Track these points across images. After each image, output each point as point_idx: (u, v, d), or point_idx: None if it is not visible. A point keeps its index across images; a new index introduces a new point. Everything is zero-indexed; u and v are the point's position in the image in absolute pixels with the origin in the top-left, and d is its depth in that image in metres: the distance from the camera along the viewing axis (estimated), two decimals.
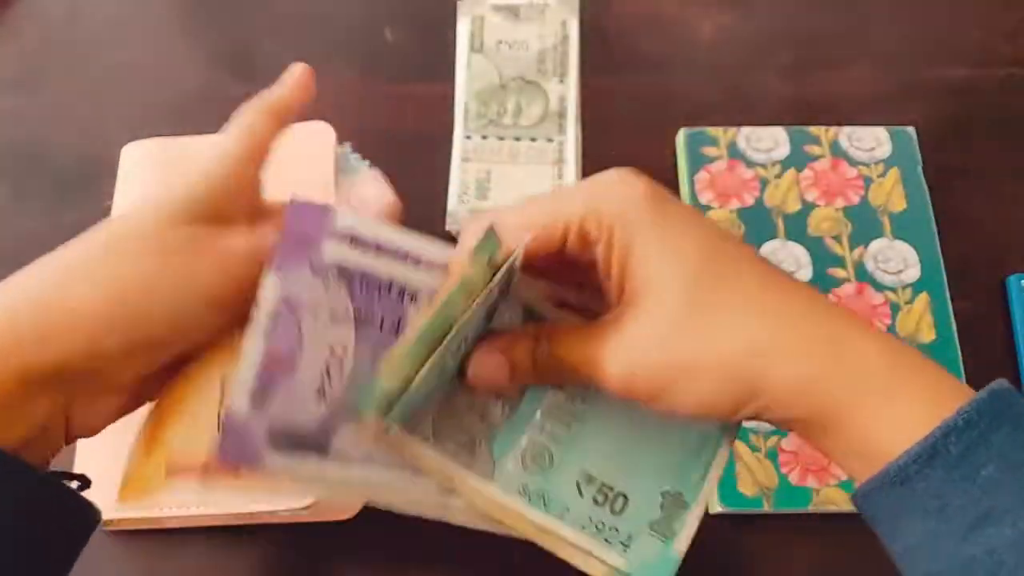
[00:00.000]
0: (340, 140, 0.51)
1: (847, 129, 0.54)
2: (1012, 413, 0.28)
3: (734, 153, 0.54)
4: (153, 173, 0.51)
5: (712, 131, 0.54)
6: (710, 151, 0.54)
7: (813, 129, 0.54)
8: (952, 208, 0.54)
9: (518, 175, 0.53)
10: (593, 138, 0.56)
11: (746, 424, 0.46)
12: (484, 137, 0.54)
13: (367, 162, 0.53)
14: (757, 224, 0.52)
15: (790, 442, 0.46)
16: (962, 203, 0.54)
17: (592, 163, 0.55)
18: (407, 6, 0.60)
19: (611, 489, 0.32)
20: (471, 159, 0.54)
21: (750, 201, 0.52)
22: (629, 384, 0.29)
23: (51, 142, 0.56)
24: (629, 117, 0.57)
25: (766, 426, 0.46)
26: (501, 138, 0.54)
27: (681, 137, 0.55)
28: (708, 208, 0.52)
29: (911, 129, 0.54)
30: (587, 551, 0.32)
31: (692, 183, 0.53)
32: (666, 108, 0.57)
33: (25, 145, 0.56)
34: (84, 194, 0.54)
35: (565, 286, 0.33)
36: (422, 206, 0.53)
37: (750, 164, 0.53)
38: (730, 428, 0.33)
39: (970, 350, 0.49)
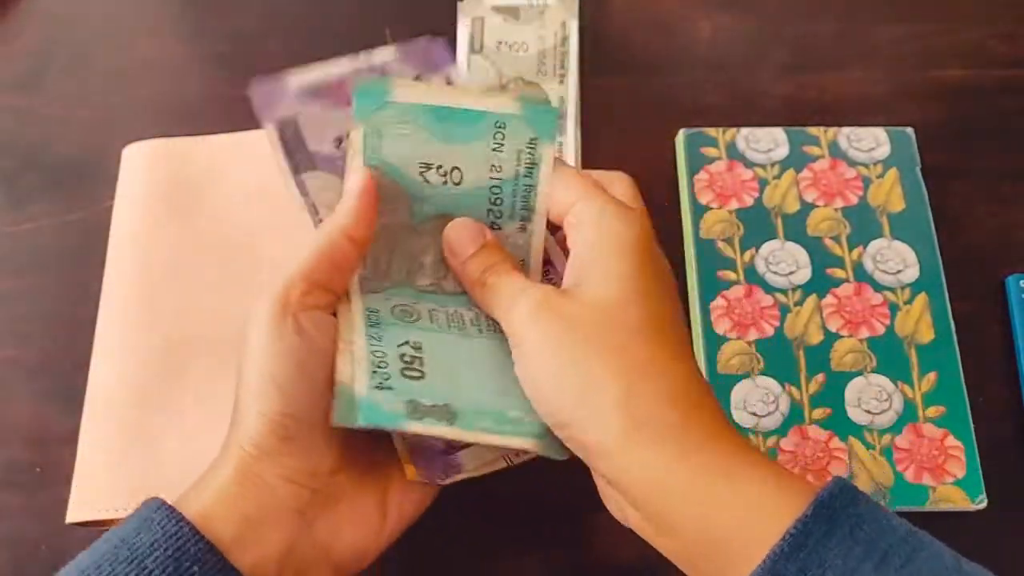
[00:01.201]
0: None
1: (846, 130, 0.54)
2: (841, 520, 0.28)
3: (733, 154, 0.54)
4: (154, 174, 0.51)
5: (711, 132, 0.54)
6: (709, 151, 0.54)
7: (812, 130, 0.54)
8: (951, 208, 0.54)
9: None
10: (593, 138, 0.56)
11: (744, 424, 0.47)
12: None
13: None
14: (756, 224, 0.52)
15: (789, 442, 0.46)
16: (961, 203, 0.54)
17: (592, 163, 0.55)
18: (407, 7, 0.60)
19: (423, 367, 0.35)
20: None
21: (749, 201, 0.52)
22: (520, 340, 0.33)
23: (52, 142, 0.56)
24: (629, 117, 0.57)
25: (764, 425, 0.47)
26: None
27: (680, 138, 0.55)
28: (707, 208, 0.52)
29: (910, 130, 0.54)
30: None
31: (691, 183, 0.53)
32: (666, 109, 0.57)
33: (25, 145, 0.56)
34: (85, 194, 0.54)
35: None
36: None
37: (749, 164, 0.53)
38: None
39: (969, 350, 0.49)
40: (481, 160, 0.36)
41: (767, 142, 0.54)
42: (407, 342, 0.35)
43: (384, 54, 0.36)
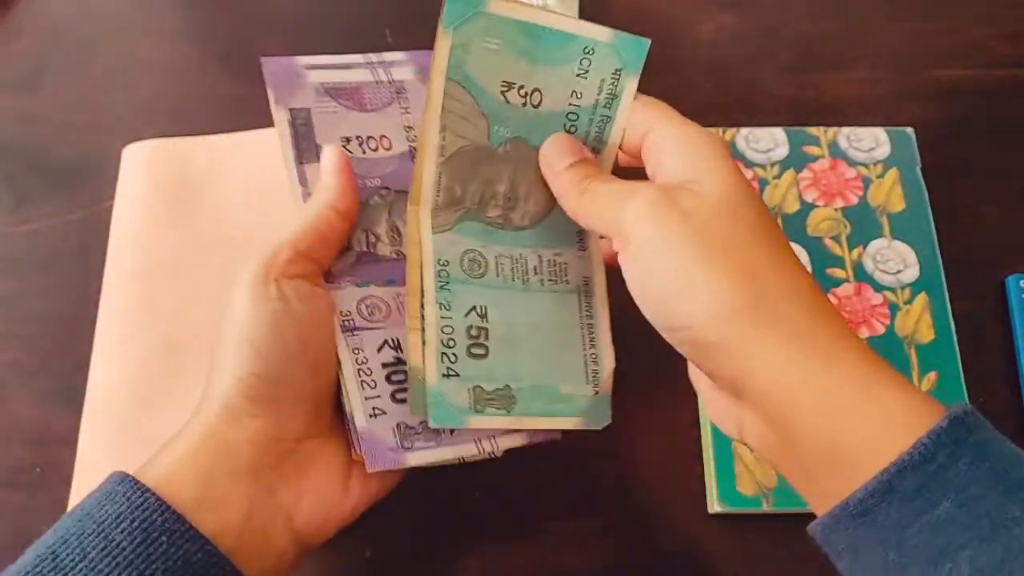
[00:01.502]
0: None
1: (846, 130, 0.54)
2: (971, 442, 0.27)
3: (733, 154, 0.54)
4: (154, 174, 0.51)
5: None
6: None
7: (812, 130, 0.54)
8: (951, 208, 0.54)
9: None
10: None
11: None
12: None
13: None
14: None
15: None
16: (961, 203, 0.54)
17: None
18: (407, 7, 0.60)
19: (487, 340, 0.35)
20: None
21: None
22: (629, 240, 0.32)
23: (52, 142, 0.56)
24: None
25: None
26: None
27: None
28: None
29: (910, 130, 0.54)
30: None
31: None
32: None
33: (26, 145, 0.56)
34: (85, 195, 0.54)
35: None
36: None
37: (749, 164, 0.53)
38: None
39: (969, 350, 0.49)
40: (563, 84, 0.35)
41: (767, 142, 0.54)
42: (474, 308, 0.35)
43: (396, 60, 0.38)
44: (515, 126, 0.35)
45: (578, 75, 0.35)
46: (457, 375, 0.34)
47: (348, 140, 0.37)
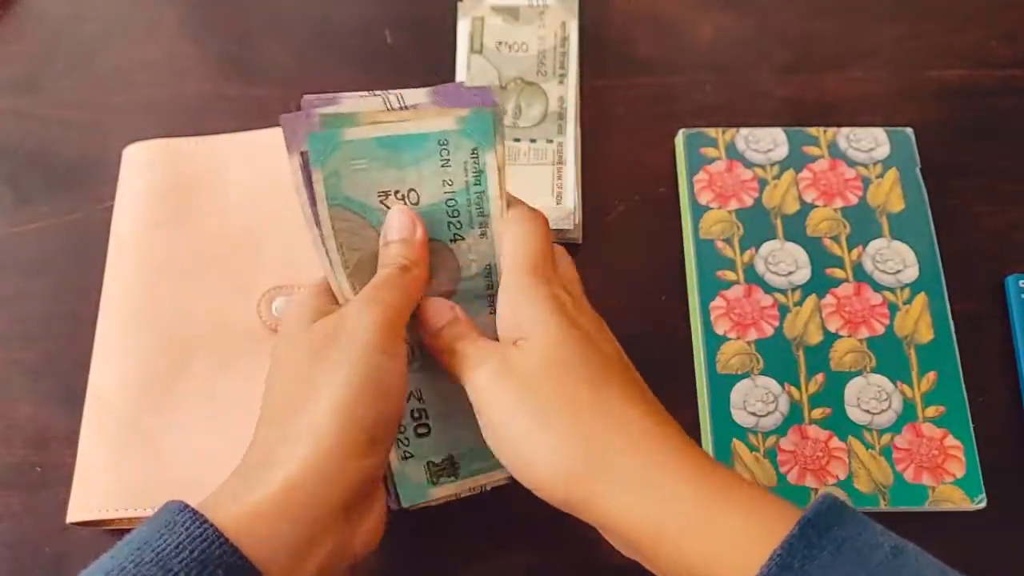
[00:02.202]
0: None
1: (845, 130, 0.54)
2: (827, 540, 0.29)
3: (733, 154, 0.54)
4: (154, 174, 0.51)
5: (711, 132, 0.54)
6: (709, 152, 0.54)
7: (812, 130, 0.54)
8: (951, 208, 0.54)
9: (518, 176, 0.53)
10: (593, 139, 0.56)
11: (744, 424, 0.47)
12: None
13: None
14: (756, 225, 0.52)
15: (788, 441, 0.46)
16: (961, 203, 0.54)
17: (592, 164, 0.55)
18: (407, 8, 0.60)
19: (428, 419, 0.40)
20: None
21: (749, 202, 0.52)
22: (483, 407, 0.35)
23: (52, 143, 0.56)
24: (629, 118, 0.57)
25: (764, 425, 0.47)
26: None
27: (680, 138, 0.55)
28: (707, 209, 0.52)
29: (909, 130, 0.54)
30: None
31: (691, 184, 0.53)
32: (666, 109, 0.57)
33: (26, 146, 0.56)
34: (85, 195, 0.54)
35: None
36: None
37: (749, 165, 0.53)
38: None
39: (969, 350, 0.49)
40: (433, 177, 0.37)
41: (767, 142, 0.54)
42: (411, 394, 0.40)
43: (417, 96, 0.38)
44: None
45: (442, 166, 0.37)
46: (412, 455, 0.40)
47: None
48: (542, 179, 0.53)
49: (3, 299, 0.52)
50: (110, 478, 0.44)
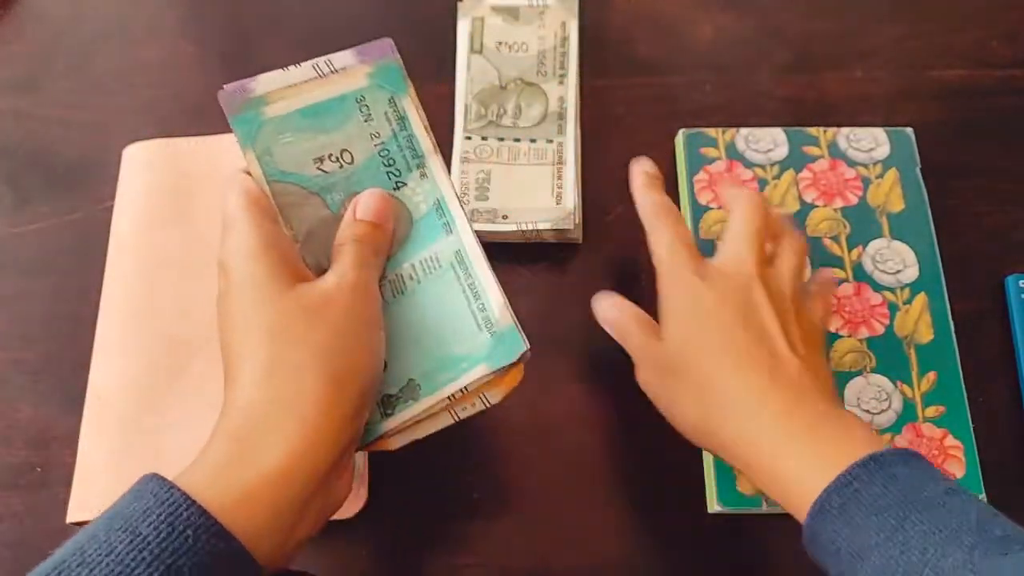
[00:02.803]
0: None
1: (845, 130, 0.54)
2: (883, 474, 0.34)
3: (733, 154, 0.54)
4: (154, 174, 0.51)
5: (711, 132, 0.54)
6: (709, 152, 0.54)
7: (812, 130, 0.54)
8: (951, 208, 0.54)
9: (518, 176, 0.53)
10: (593, 139, 0.56)
11: None
12: (484, 138, 0.55)
13: None
14: None
15: None
16: (961, 203, 0.54)
17: (592, 164, 0.55)
18: (407, 8, 0.60)
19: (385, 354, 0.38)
20: (471, 160, 0.54)
21: None
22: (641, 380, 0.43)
23: (52, 143, 0.56)
24: (629, 118, 0.57)
25: None
26: (501, 139, 0.55)
27: (680, 138, 0.55)
28: (707, 209, 0.52)
29: (909, 130, 0.54)
30: None
31: (691, 184, 0.53)
32: (665, 109, 0.57)
33: (26, 146, 0.56)
34: (85, 195, 0.54)
35: None
36: None
37: (748, 165, 0.53)
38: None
39: (969, 350, 0.49)
40: (360, 134, 0.39)
41: (766, 142, 0.54)
42: None
43: (344, 58, 0.39)
44: (344, 186, 0.40)
45: (366, 121, 0.39)
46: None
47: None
48: (542, 179, 0.53)
49: (3, 299, 0.52)
50: (110, 478, 0.44)
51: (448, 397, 0.38)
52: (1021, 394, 0.49)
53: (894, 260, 0.51)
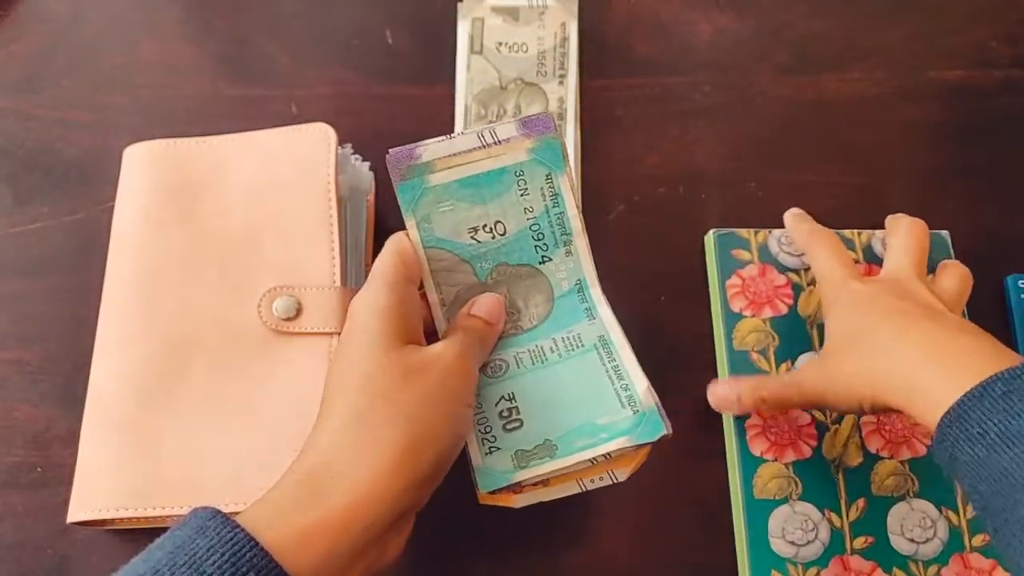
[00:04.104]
0: (341, 141, 0.51)
1: (880, 233, 0.51)
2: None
3: (766, 257, 0.51)
4: (154, 174, 0.51)
5: (742, 233, 0.52)
6: (741, 254, 0.51)
7: (847, 232, 0.52)
8: (951, 208, 0.54)
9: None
10: (592, 139, 0.56)
11: (782, 553, 0.45)
12: None
13: (368, 163, 0.53)
14: (790, 335, 0.49)
15: (830, 573, 0.45)
16: (961, 203, 0.54)
17: (592, 164, 0.55)
18: (407, 8, 0.60)
19: (520, 415, 0.40)
20: None
21: (783, 309, 0.50)
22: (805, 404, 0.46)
23: (53, 144, 0.56)
24: (629, 118, 0.57)
25: (804, 555, 0.45)
26: None
27: (710, 239, 0.52)
28: (740, 317, 0.50)
29: (945, 233, 0.52)
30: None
31: (723, 291, 0.51)
32: (666, 109, 0.57)
33: (27, 147, 0.56)
34: (86, 195, 0.54)
35: None
36: None
37: (782, 269, 0.51)
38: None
39: None
40: (515, 207, 0.41)
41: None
42: (502, 397, 0.41)
43: (508, 129, 0.40)
44: (494, 256, 0.41)
45: (521, 195, 0.40)
46: (499, 448, 0.39)
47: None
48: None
49: (3, 299, 0.52)
50: (111, 478, 0.44)
51: (587, 461, 0.38)
52: None
53: None
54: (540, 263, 0.42)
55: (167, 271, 0.49)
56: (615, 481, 0.39)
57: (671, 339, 0.51)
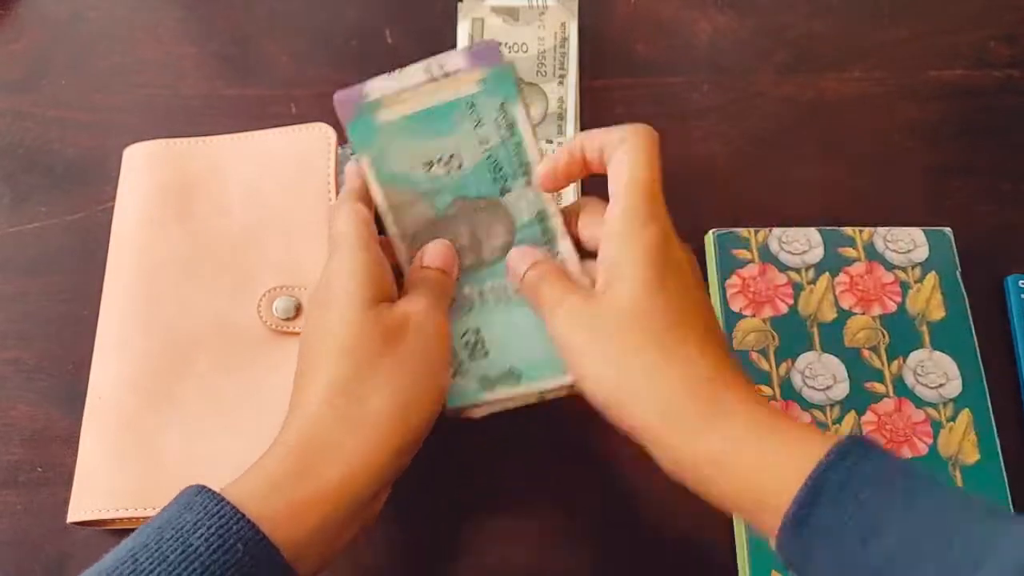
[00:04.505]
0: (341, 142, 0.51)
1: (882, 230, 0.51)
2: (875, 450, 0.32)
3: (766, 256, 0.51)
4: (154, 174, 0.51)
5: (743, 232, 0.52)
6: (741, 254, 0.51)
7: (847, 230, 0.52)
8: (951, 208, 0.54)
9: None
10: None
11: None
12: None
13: None
14: (791, 334, 0.49)
15: None
16: (961, 203, 0.54)
17: None
18: (407, 8, 0.60)
19: (486, 345, 0.41)
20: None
21: (783, 309, 0.50)
22: (560, 345, 0.38)
23: (53, 143, 0.56)
24: (629, 118, 0.56)
25: None
26: None
27: (710, 239, 0.52)
28: (741, 316, 0.50)
29: (948, 230, 0.52)
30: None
31: (723, 290, 0.50)
32: (665, 109, 0.57)
33: (26, 147, 0.56)
34: (86, 195, 0.54)
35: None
36: None
37: (783, 268, 0.51)
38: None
39: None
40: (469, 139, 0.40)
41: (801, 243, 0.51)
42: (467, 331, 0.41)
43: (455, 61, 0.40)
44: (452, 190, 0.41)
45: (476, 127, 0.40)
46: (465, 373, 0.40)
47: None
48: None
49: (3, 299, 0.52)
50: (110, 478, 0.44)
51: (551, 389, 0.40)
52: (1021, 394, 0.49)
53: (936, 373, 0.48)
54: (500, 195, 0.41)
55: (167, 271, 0.49)
56: (574, 392, 0.39)
57: None
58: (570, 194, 0.52)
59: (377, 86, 0.40)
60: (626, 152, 0.38)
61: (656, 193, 0.37)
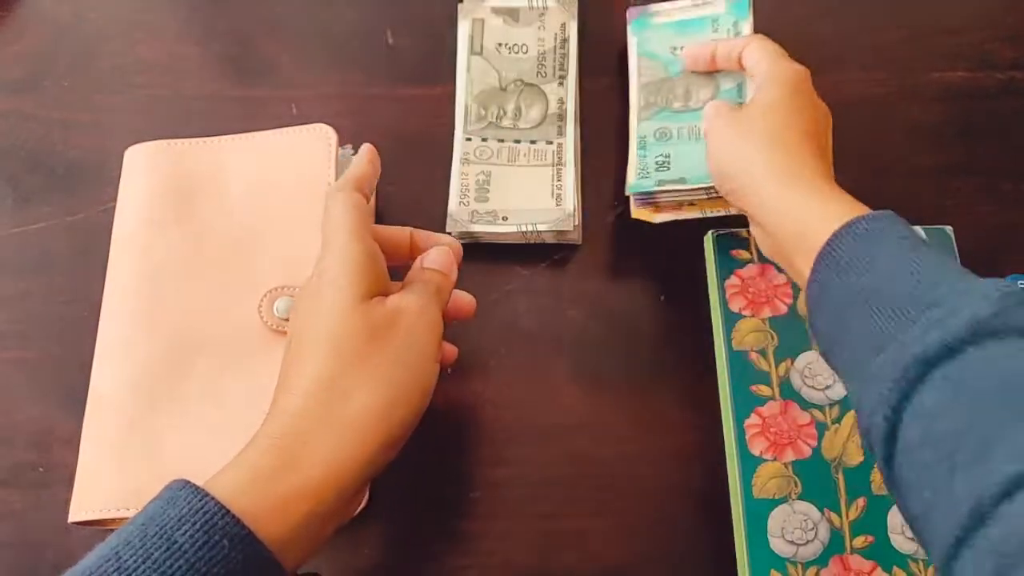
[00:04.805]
0: (341, 142, 0.51)
1: None
2: (886, 216, 0.38)
3: (765, 257, 0.50)
4: (155, 175, 0.51)
5: (742, 233, 0.52)
6: (740, 254, 0.51)
7: None
8: (951, 208, 0.54)
9: (518, 177, 0.54)
10: (593, 140, 0.56)
11: (781, 553, 0.45)
12: (484, 139, 0.55)
13: None
14: (790, 334, 0.49)
15: (829, 573, 0.44)
16: (961, 203, 0.54)
17: (592, 165, 0.55)
18: (408, 9, 0.60)
19: (669, 163, 0.51)
20: (471, 161, 0.54)
21: (783, 309, 0.50)
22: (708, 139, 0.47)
23: (54, 144, 0.57)
24: (628, 119, 0.57)
25: (803, 554, 0.45)
26: (501, 140, 0.55)
27: (709, 239, 0.52)
28: (740, 317, 0.50)
29: (949, 229, 0.52)
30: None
31: (722, 289, 0.51)
32: None
33: (28, 147, 0.57)
34: (87, 196, 0.55)
35: None
36: (423, 207, 0.54)
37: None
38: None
39: None
40: (702, 37, 0.55)
41: (824, 377, 0.49)
42: (661, 153, 0.52)
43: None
44: (682, 63, 0.54)
45: (713, 32, 0.55)
46: (648, 176, 0.51)
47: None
48: (542, 180, 0.53)
49: (4, 299, 0.52)
50: (112, 478, 0.45)
51: (697, 188, 0.49)
52: None
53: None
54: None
55: (168, 271, 0.49)
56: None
57: (671, 339, 0.51)
58: (570, 172, 0.52)
59: (661, 6, 0.56)
60: (760, 40, 0.49)
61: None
